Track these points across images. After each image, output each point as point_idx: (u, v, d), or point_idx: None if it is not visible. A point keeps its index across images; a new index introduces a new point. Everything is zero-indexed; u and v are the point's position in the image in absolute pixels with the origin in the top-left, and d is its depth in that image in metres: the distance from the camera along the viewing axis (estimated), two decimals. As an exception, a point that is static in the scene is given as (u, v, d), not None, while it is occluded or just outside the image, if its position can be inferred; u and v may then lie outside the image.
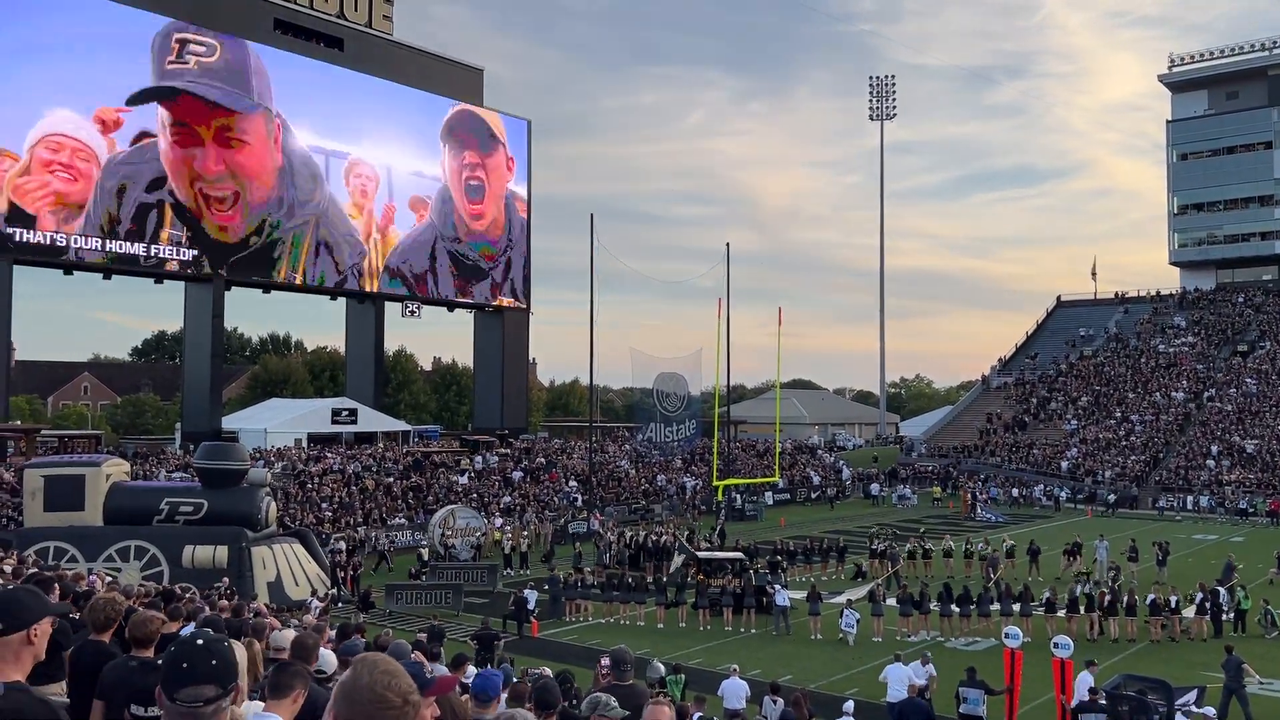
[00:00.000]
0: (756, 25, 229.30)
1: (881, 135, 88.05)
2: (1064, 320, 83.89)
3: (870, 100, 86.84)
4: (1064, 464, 60.49)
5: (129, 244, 42.91)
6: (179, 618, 7.32)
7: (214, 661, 2.62)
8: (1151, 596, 25.06)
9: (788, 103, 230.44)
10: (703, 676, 19.39)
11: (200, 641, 2.66)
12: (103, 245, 42.15)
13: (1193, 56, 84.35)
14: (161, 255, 44.08)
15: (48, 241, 40.70)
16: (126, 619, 5.00)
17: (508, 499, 45.21)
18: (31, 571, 10.46)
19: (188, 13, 45.59)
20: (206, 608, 11.70)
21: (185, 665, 2.59)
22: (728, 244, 47.50)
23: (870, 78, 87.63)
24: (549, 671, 10.19)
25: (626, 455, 57.33)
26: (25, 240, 40.08)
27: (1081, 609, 24.51)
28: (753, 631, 25.72)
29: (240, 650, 4.60)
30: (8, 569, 12.35)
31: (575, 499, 47.58)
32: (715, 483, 44.03)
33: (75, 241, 41.38)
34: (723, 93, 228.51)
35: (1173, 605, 24.57)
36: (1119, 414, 65.65)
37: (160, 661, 4.01)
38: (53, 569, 15.66)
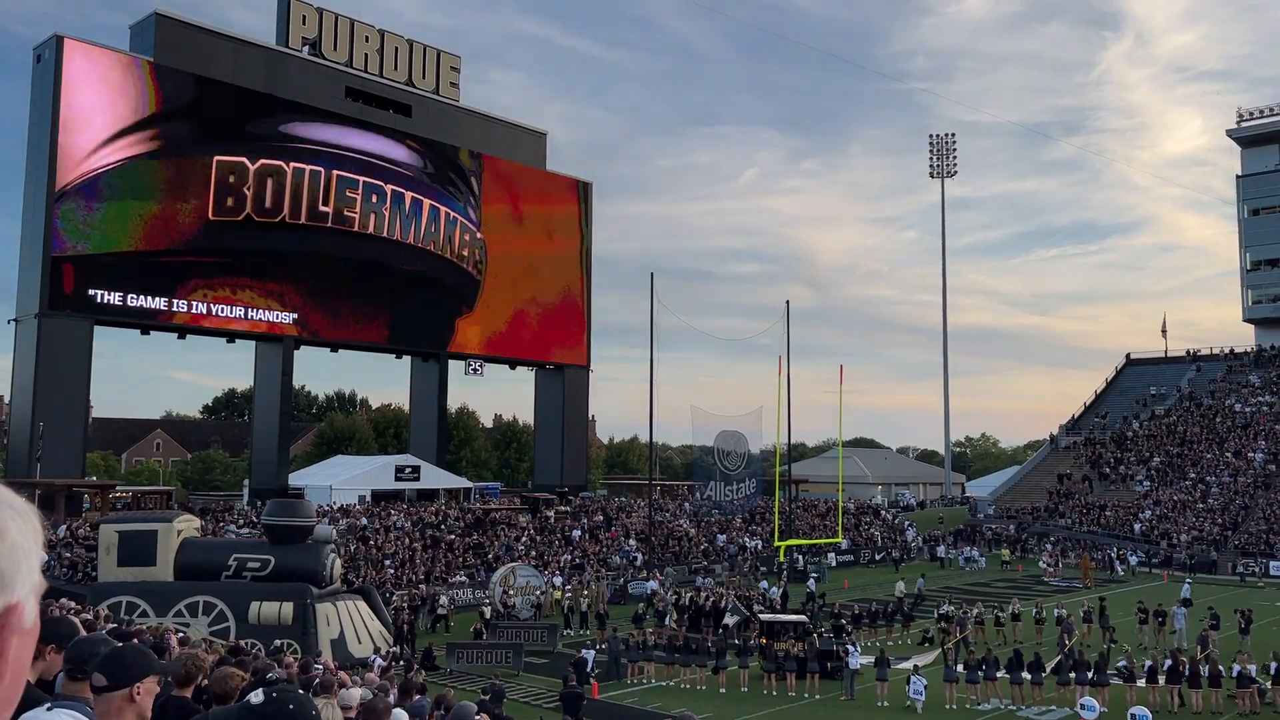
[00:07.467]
0: (807, 86, 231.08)
1: (943, 192, 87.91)
2: (1134, 379, 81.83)
3: (930, 158, 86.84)
4: (1137, 526, 58.63)
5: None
6: (251, 674, 7.41)
7: None
8: (1237, 668, 24.01)
9: (841, 161, 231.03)
10: (767, 743, 18.99)
11: (292, 707, 2.64)
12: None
13: (1262, 111, 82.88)
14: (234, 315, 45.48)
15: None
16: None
17: (567, 557, 45.04)
18: (112, 626, 10.66)
19: (263, 83, 47.43)
20: (275, 665, 11.80)
21: None
22: (787, 302, 47.15)
23: (930, 136, 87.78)
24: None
25: (687, 514, 56.89)
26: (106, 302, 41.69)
27: (1161, 678, 23.58)
28: (817, 697, 25.18)
29: (335, 711, 4.63)
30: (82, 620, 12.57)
31: (635, 558, 47.23)
32: (777, 543, 43.42)
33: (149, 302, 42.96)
34: (776, 151, 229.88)
35: (1251, 674, 23.52)
36: (1194, 475, 63.59)
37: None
38: (127, 623, 15.94)
